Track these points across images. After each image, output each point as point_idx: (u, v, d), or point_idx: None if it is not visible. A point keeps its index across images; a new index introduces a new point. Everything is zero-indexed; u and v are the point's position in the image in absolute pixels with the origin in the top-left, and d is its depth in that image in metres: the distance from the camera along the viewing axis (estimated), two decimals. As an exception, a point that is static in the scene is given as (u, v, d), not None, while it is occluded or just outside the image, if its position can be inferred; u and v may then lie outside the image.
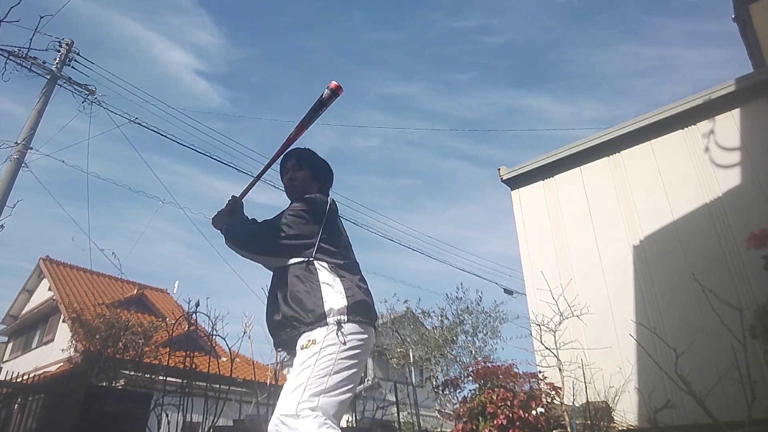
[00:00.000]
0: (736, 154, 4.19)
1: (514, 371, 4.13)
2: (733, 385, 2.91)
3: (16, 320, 18.49)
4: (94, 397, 4.47)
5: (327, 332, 1.72)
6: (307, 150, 2.26)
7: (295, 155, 2.21)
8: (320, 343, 1.70)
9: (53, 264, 16.77)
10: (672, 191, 4.42)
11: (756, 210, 3.91)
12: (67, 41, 8.54)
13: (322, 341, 1.70)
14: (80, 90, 8.63)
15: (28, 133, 7.99)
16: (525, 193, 5.50)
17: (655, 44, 44.89)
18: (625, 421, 3.94)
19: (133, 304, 11.55)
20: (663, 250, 4.31)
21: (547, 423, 3.75)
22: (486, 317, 9.87)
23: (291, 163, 2.20)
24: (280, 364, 5.88)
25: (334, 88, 2.05)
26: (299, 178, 2.16)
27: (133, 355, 6.86)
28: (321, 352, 1.68)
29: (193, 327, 5.56)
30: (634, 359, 4.03)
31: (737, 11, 6.52)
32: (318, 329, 1.74)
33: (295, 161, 2.20)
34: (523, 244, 5.29)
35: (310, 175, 2.19)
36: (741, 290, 3.74)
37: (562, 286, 4.41)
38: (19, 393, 5.31)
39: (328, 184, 2.27)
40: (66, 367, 10.20)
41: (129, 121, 8.77)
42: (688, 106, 4.48)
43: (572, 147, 5.17)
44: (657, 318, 4.10)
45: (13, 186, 7.64)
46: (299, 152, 2.22)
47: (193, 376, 4.99)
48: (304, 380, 1.63)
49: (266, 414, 5.24)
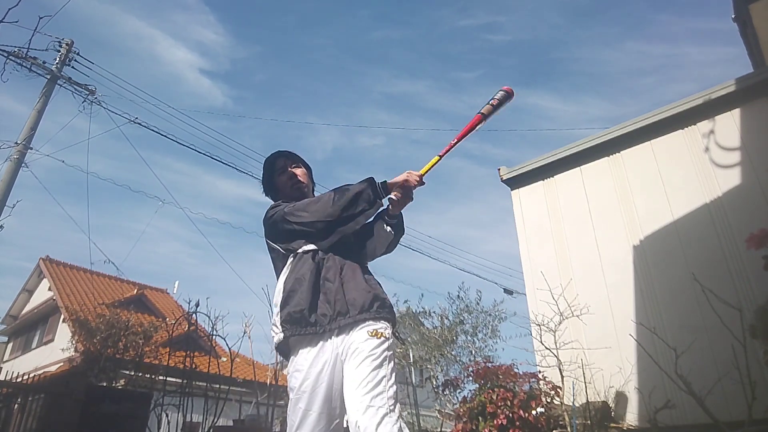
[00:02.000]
0: (736, 154, 4.19)
1: (514, 371, 4.13)
2: (733, 385, 2.91)
3: (16, 320, 18.49)
4: (94, 397, 4.48)
5: (391, 329, 1.72)
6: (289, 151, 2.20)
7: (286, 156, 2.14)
8: (390, 339, 1.68)
9: (53, 264, 16.77)
10: (672, 191, 4.42)
11: (756, 210, 3.91)
12: (67, 41, 8.54)
13: (390, 336, 1.69)
14: (80, 90, 8.64)
15: (28, 133, 7.99)
16: (525, 193, 5.49)
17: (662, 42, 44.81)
18: (625, 421, 3.95)
19: (133, 304, 11.55)
20: (663, 250, 4.31)
21: (547, 423, 3.75)
22: (486, 317, 9.87)
23: (296, 158, 2.15)
24: (280, 364, 5.88)
25: (509, 92, 2.11)
26: (302, 175, 2.11)
27: (133, 355, 6.86)
28: (390, 348, 1.66)
29: (193, 327, 5.57)
30: (634, 359, 4.03)
31: (737, 11, 6.52)
32: (384, 323, 1.71)
33: (290, 160, 2.13)
34: (523, 244, 5.29)
35: (310, 175, 2.19)
36: (741, 290, 3.74)
37: (562, 286, 4.41)
38: (19, 393, 5.31)
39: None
40: (66, 367, 10.21)
41: (129, 121, 8.78)
42: (688, 106, 4.48)
43: (572, 147, 5.17)
44: (657, 318, 4.10)
45: (13, 186, 7.64)
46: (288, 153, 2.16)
47: (193, 376, 5.00)
48: (386, 373, 1.59)
49: (266, 414, 5.24)
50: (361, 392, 1.52)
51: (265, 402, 5.49)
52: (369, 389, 1.52)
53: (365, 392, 1.52)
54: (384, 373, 1.58)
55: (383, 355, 1.62)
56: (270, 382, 5.95)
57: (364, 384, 1.53)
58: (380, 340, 1.64)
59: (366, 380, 1.54)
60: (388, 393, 1.54)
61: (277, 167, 2.11)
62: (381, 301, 1.75)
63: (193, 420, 4.70)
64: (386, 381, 1.57)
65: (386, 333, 1.68)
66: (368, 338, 1.63)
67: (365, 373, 1.55)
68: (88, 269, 16.26)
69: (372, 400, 1.51)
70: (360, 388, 1.53)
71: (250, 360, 7.57)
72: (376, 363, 1.58)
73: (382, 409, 1.50)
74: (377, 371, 1.57)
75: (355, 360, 1.60)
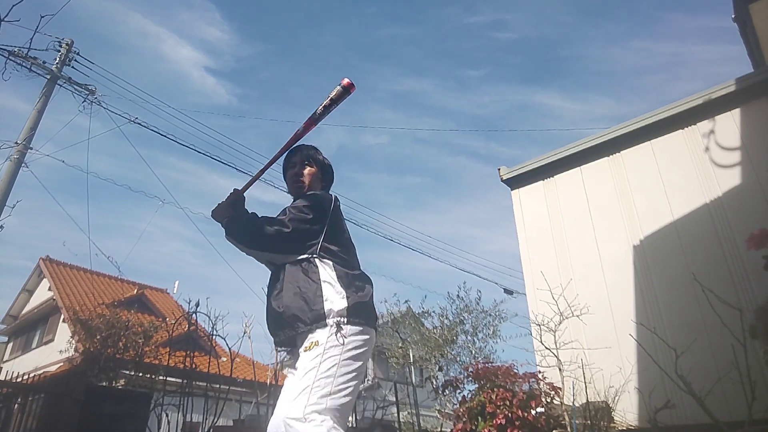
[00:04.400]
0: (736, 154, 4.18)
1: (514, 371, 4.12)
2: (733, 385, 2.91)
3: (16, 320, 18.50)
4: (94, 397, 4.48)
5: (328, 334, 1.70)
6: (315, 147, 2.22)
7: (303, 151, 2.16)
8: (323, 345, 1.68)
9: (53, 264, 16.78)
10: (672, 191, 4.42)
11: (756, 210, 3.91)
12: (67, 41, 8.54)
13: (325, 343, 1.68)
14: (80, 90, 8.64)
15: (28, 133, 8.00)
16: (525, 193, 5.49)
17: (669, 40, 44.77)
18: (625, 421, 3.94)
19: (133, 304, 11.54)
20: (663, 250, 4.31)
21: (547, 423, 3.75)
22: (485, 317, 9.87)
23: (298, 159, 2.14)
24: (280, 364, 5.88)
25: (346, 86, 1.99)
26: (306, 175, 2.11)
27: (133, 355, 6.85)
28: (324, 354, 1.66)
29: (193, 327, 5.56)
30: (634, 359, 4.03)
31: (737, 11, 6.53)
32: (319, 330, 1.72)
33: (302, 157, 2.15)
34: (523, 244, 5.29)
35: (318, 173, 2.16)
36: (741, 290, 3.74)
37: (562, 286, 4.41)
38: (19, 393, 5.31)
39: (330, 186, 2.25)
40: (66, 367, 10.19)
41: (129, 121, 8.78)
42: (688, 106, 4.48)
43: (572, 147, 5.17)
44: (657, 318, 4.10)
45: (13, 186, 7.65)
46: (307, 148, 2.18)
47: (193, 376, 4.99)
48: (309, 383, 1.61)
49: (266, 414, 5.24)
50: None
51: (265, 402, 5.48)
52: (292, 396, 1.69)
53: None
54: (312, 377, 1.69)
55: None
56: (270, 382, 5.95)
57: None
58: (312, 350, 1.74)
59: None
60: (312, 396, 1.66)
61: (290, 161, 2.17)
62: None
63: (193, 420, 4.70)
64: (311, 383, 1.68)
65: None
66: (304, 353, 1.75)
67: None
68: (88, 269, 16.28)
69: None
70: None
71: (250, 360, 7.57)
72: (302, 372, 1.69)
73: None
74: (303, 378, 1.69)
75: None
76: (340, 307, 1.75)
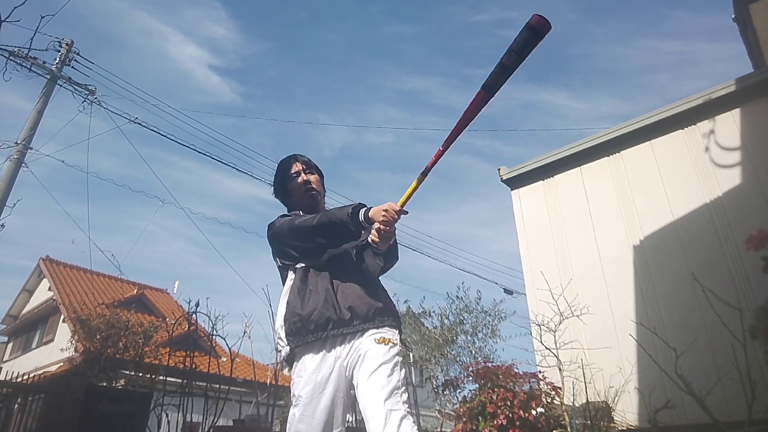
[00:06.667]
0: (736, 154, 4.19)
1: (514, 371, 4.12)
2: (733, 385, 2.91)
3: (16, 320, 18.49)
4: (94, 397, 4.48)
5: (398, 335, 1.79)
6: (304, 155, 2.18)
7: (300, 159, 2.11)
8: (398, 345, 1.74)
9: (53, 264, 16.77)
10: (672, 191, 4.42)
11: (756, 210, 3.91)
12: (67, 41, 8.54)
13: (397, 342, 1.75)
14: (80, 90, 8.64)
15: (28, 133, 8.00)
16: (525, 193, 5.49)
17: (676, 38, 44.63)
18: (625, 421, 3.94)
19: (133, 304, 11.54)
20: (663, 250, 4.31)
21: (547, 423, 3.75)
22: (485, 317, 9.88)
23: (300, 166, 2.08)
24: (280, 364, 5.88)
25: (534, 26, 1.49)
26: (316, 182, 2.07)
27: (133, 355, 6.85)
28: (399, 354, 1.72)
29: (193, 327, 5.57)
30: (634, 359, 4.03)
31: (737, 11, 6.53)
32: (389, 329, 1.78)
33: (305, 165, 2.09)
34: (523, 244, 5.29)
35: (322, 182, 2.14)
36: (741, 290, 3.74)
37: (562, 286, 4.41)
38: (19, 393, 5.31)
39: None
40: (66, 367, 10.19)
41: (129, 121, 8.78)
42: (688, 106, 4.48)
43: (572, 147, 5.17)
44: (657, 318, 4.10)
45: (13, 186, 7.65)
46: (302, 156, 2.13)
47: (193, 376, 5.00)
48: (397, 384, 1.62)
49: (266, 414, 5.24)
50: (379, 399, 1.57)
51: (265, 402, 5.49)
52: (386, 396, 1.57)
53: (383, 399, 1.57)
54: (398, 378, 1.64)
55: (394, 361, 1.67)
56: (270, 382, 5.95)
57: (381, 391, 1.58)
58: (388, 346, 1.69)
59: (383, 387, 1.59)
60: (402, 398, 1.60)
61: (291, 171, 2.08)
62: (382, 310, 1.79)
63: (193, 420, 4.70)
64: (400, 386, 1.63)
65: (394, 339, 1.74)
66: (376, 345, 1.68)
67: (381, 380, 1.61)
68: (88, 269, 16.29)
69: (391, 406, 1.56)
70: (378, 395, 1.58)
71: (250, 360, 7.57)
72: (389, 369, 1.63)
73: (399, 412, 1.55)
74: (391, 377, 1.62)
75: (367, 368, 1.64)
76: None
